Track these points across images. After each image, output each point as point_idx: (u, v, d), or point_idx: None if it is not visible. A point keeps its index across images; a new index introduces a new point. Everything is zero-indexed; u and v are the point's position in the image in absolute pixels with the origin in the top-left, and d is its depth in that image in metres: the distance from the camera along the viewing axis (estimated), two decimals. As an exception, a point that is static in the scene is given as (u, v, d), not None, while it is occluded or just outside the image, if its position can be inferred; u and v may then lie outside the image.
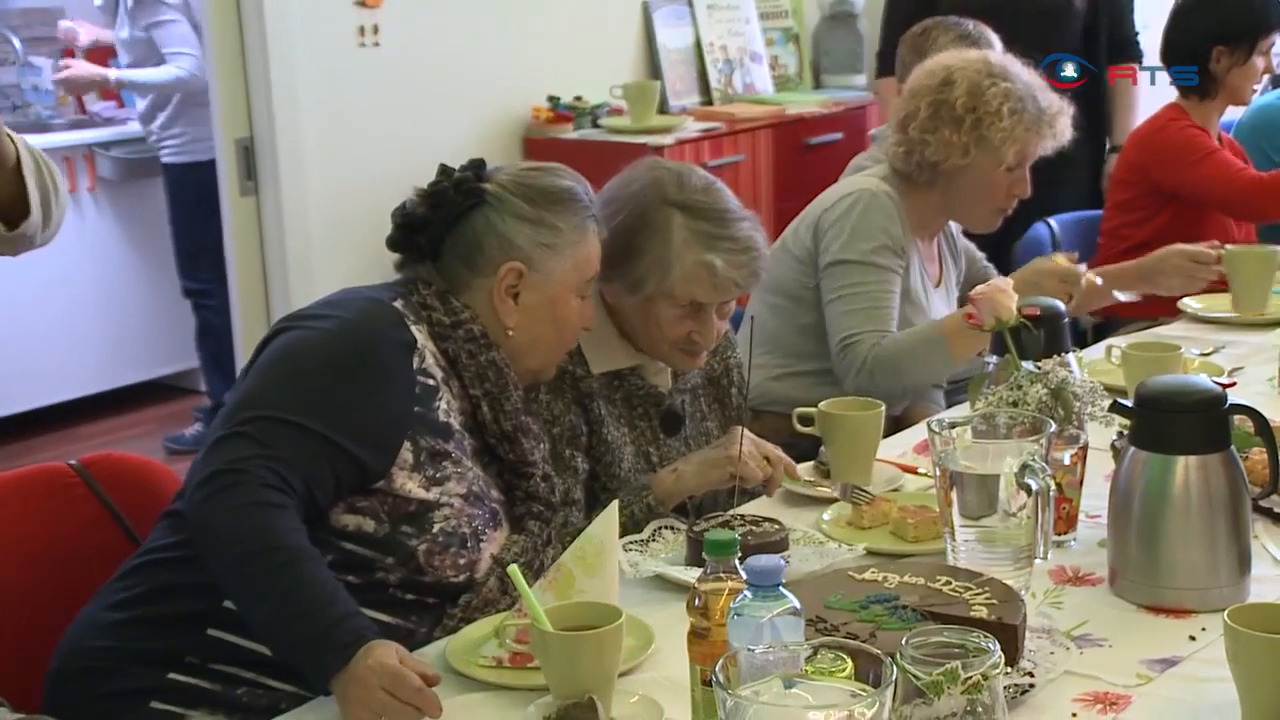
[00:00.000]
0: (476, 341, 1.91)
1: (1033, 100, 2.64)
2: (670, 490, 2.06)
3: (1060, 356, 2.10)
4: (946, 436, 1.84)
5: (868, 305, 2.63)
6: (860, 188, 2.72)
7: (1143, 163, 3.66)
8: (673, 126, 4.58)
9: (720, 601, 1.45)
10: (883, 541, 1.99)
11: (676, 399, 2.23)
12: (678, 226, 2.10)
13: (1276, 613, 1.50)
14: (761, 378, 2.72)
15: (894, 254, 2.66)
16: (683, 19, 4.98)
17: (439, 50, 4.35)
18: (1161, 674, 1.61)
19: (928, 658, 1.33)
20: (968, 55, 2.75)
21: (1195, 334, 2.97)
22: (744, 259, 2.12)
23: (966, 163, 2.64)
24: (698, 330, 2.14)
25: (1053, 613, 1.76)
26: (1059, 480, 1.93)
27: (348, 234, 4.12)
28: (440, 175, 1.99)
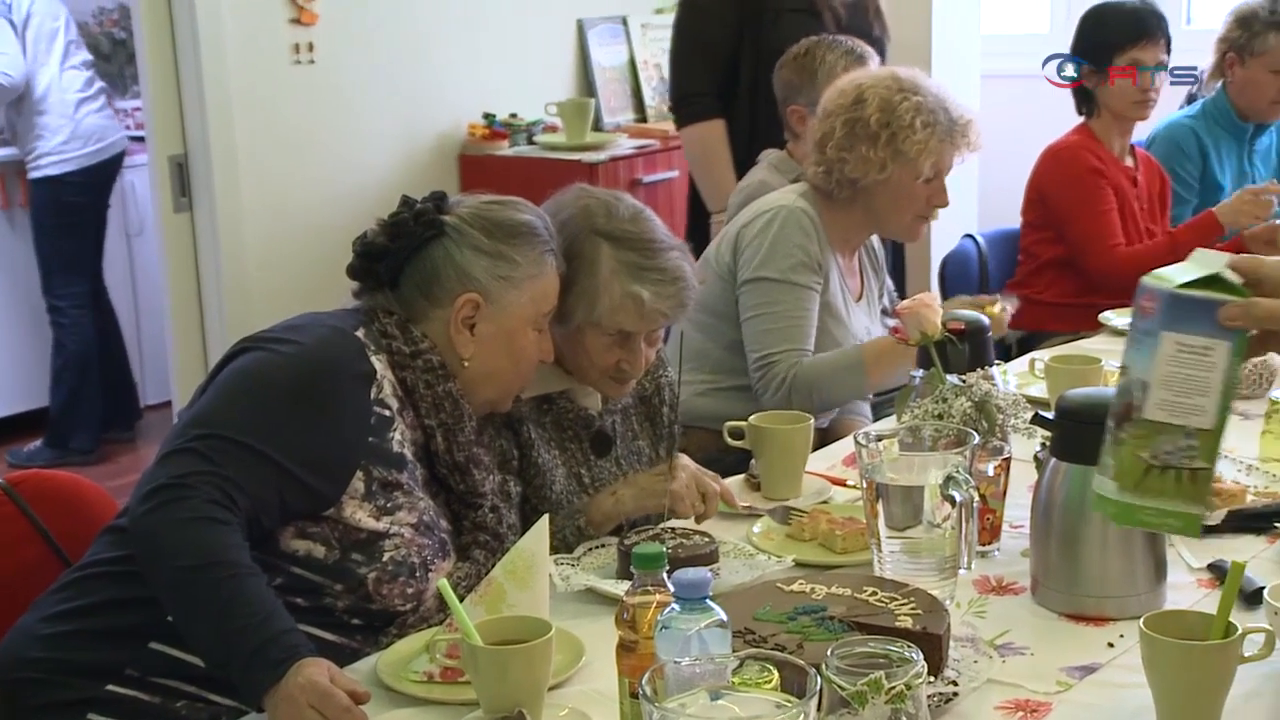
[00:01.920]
0: (435, 372, 1.91)
1: (944, 112, 2.66)
2: (608, 514, 2.05)
3: (984, 370, 2.12)
4: (873, 449, 1.85)
5: (785, 324, 2.65)
6: (778, 205, 2.73)
7: (1043, 188, 3.71)
8: (607, 143, 4.59)
9: (648, 614, 1.45)
10: (812, 553, 2.00)
11: (607, 420, 2.23)
12: (605, 257, 2.09)
13: (1190, 619, 1.51)
14: (689, 394, 2.72)
15: (811, 271, 2.68)
16: (617, 37, 4.99)
17: (374, 67, 4.33)
18: (1081, 681, 1.62)
19: (853, 668, 1.34)
20: (877, 73, 2.78)
21: (1116, 347, 2.97)
22: (671, 290, 2.11)
23: (885, 177, 2.66)
24: (626, 359, 2.13)
25: (976, 622, 1.77)
26: (983, 491, 1.95)
27: (284, 250, 4.09)
28: (402, 206, 1.99)
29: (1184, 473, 1.40)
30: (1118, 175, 3.66)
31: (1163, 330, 1.39)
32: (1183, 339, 1.38)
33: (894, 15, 4.47)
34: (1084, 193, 3.60)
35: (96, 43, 5.79)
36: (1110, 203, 3.60)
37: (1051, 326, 3.60)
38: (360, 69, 4.29)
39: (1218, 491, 2.04)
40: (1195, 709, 1.48)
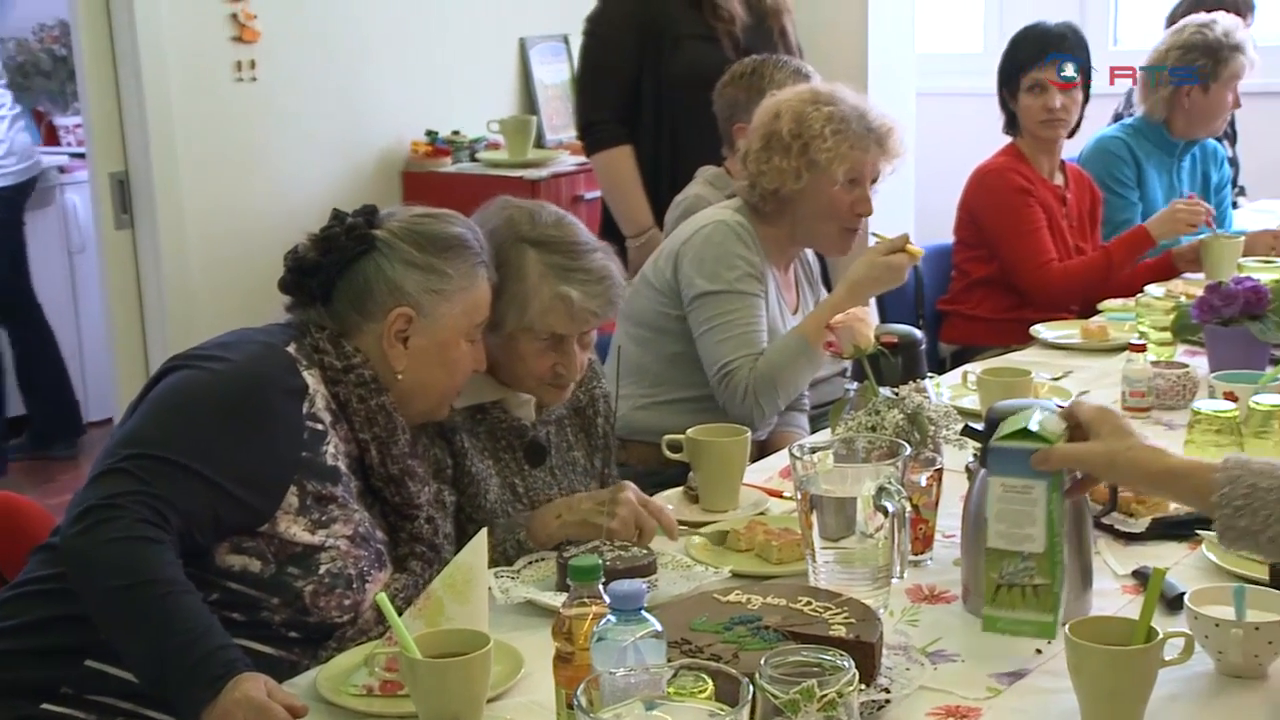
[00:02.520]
0: (367, 386, 1.90)
1: (859, 120, 2.69)
2: (552, 535, 2.04)
3: (917, 382, 2.14)
4: (808, 461, 1.86)
5: (739, 332, 2.66)
6: (714, 219, 2.75)
7: (973, 208, 3.75)
8: (548, 160, 4.60)
9: (584, 626, 1.45)
10: (748, 564, 2.01)
11: (541, 430, 2.23)
12: (532, 262, 2.11)
13: (1114, 625, 1.54)
14: (628, 408, 2.74)
15: (755, 279, 2.70)
16: (559, 55, 5.01)
17: (317, 84, 4.32)
18: (1010, 686, 1.64)
19: (786, 677, 1.35)
20: (798, 88, 2.81)
21: (1046, 359, 3.04)
22: (599, 289, 2.13)
23: (801, 186, 2.69)
24: (562, 362, 2.14)
25: (909, 630, 1.79)
26: (916, 502, 1.97)
27: (227, 267, 4.06)
28: (333, 220, 1.99)
29: (1028, 589, 1.65)
30: (1045, 194, 3.71)
31: (990, 476, 1.66)
32: (1006, 481, 1.64)
33: (831, 35, 4.54)
34: (1012, 212, 3.64)
35: (37, 59, 5.73)
36: (1039, 221, 3.64)
37: (984, 341, 3.64)
38: (303, 86, 4.28)
39: (1142, 500, 2.08)
40: (1119, 712, 1.50)
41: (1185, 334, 2.90)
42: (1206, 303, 2.73)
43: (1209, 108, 3.96)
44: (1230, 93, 3.93)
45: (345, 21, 4.37)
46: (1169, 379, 2.63)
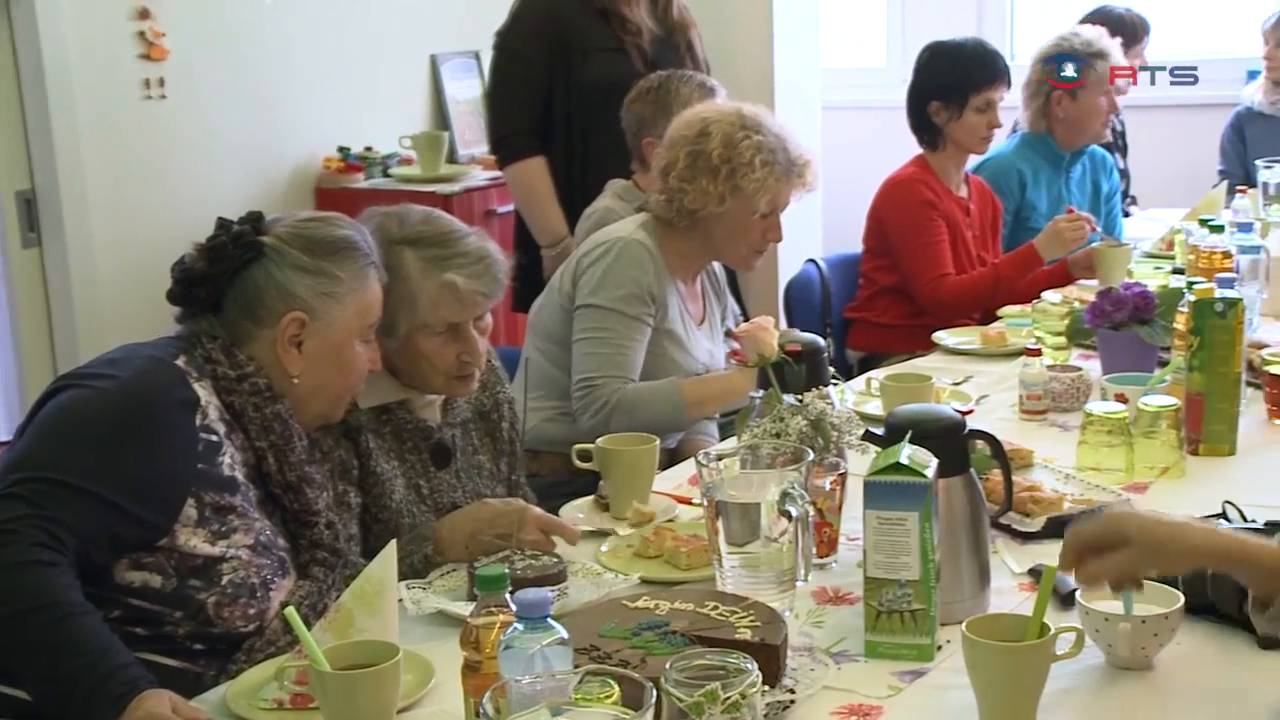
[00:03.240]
0: (262, 394, 1.89)
1: (783, 152, 2.72)
2: (460, 557, 2.02)
3: (820, 389, 2.16)
4: (714, 468, 1.88)
5: (611, 350, 2.68)
6: (617, 236, 2.77)
7: (881, 218, 3.81)
8: (461, 175, 4.59)
9: (492, 635, 1.45)
10: (657, 570, 2.02)
11: (447, 433, 2.24)
12: (410, 260, 2.12)
13: (1009, 622, 1.57)
14: (538, 420, 2.74)
15: (643, 303, 2.71)
16: (470, 72, 5.00)
17: (227, 102, 4.27)
18: (910, 684, 1.66)
19: (691, 680, 1.36)
20: (723, 107, 2.82)
21: (947, 365, 3.09)
22: (480, 268, 2.15)
23: (723, 210, 2.71)
24: (465, 350, 2.15)
25: (814, 632, 1.80)
26: (820, 506, 1.99)
27: (137, 286, 4.00)
28: (219, 229, 1.97)
29: (906, 614, 1.70)
30: (951, 206, 3.77)
31: (866, 509, 1.70)
32: (881, 514, 1.69)
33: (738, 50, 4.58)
34: (916, 224, 3.70)
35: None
36: (941, 234, 3.70)
37: (889, 347, 3.69)
38: (213, 104, 4.23)
39: (1037, 499, 2.11)
40: (1015, 705, 1.53)
41: (1079, 338, 2.96)
42: (1098, 308, 2.79)
43: (1081, 114, 4.06)
44: (1101, 98, 4.01)
45: (256, 39, 4.33)
46: (1064, 382, 2.68)
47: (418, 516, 2.16)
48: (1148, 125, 4.95)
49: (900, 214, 3.73)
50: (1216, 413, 2.39)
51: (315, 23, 4.50)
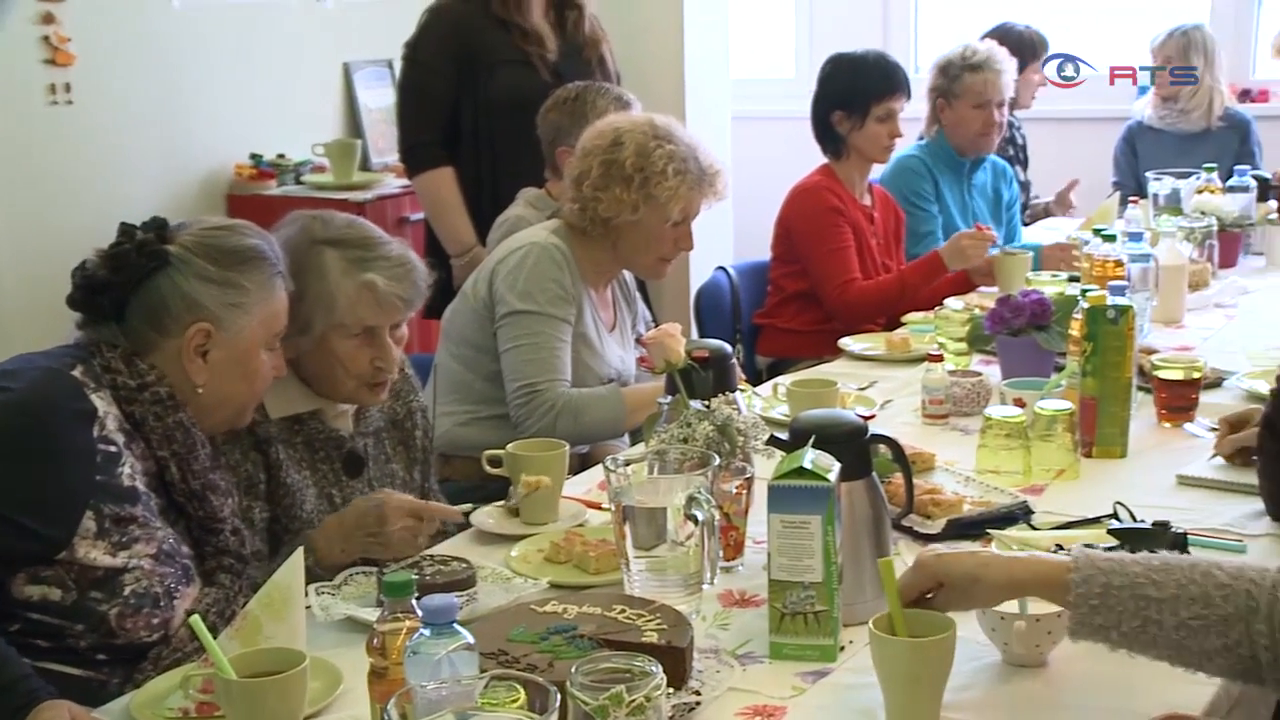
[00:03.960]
0: (163, 404, 1.86)
1: (695, 161, 2.73)
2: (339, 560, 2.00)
3: (727, 395, 2.17)
4: (621, 474, 1.88)
5: (545, 354, 2.67)
6: (531, 241, 2.76)
7: (789, 225, 3.84)
8: (374, 183, 4.55)
9: (398, 641, 1.44)
10: (566, 575, 2.01)
11: (359, 442, 2.21)
12: (331, 260, 2.11)
13: (913, 619, 1.58)
14: (450, 424, 2.73)
15: (566, 303, 2.71)
16: (383, 80, 4.96)
17: (136, 108, 4.20)
18: (814, 684, 1.67)
19: (596, 684, 1.36)
20: (635, 118, 2.83)
21: (853, 370, 3.11)
22: (401, 272, 2.14)
23: (636, 219, 2.71)
24: (379, 356, 2.13)
25: (720, 634, 1.81)
26: (727, 510, 2.00)
27: (42, 295, 3.87)
28: (122, 236, 1.93)
29: (809, 615, 1.71)
30: (856, 214, 3.81)
31: (770, 513, 1.70)
32: (784, 518, 1.69)
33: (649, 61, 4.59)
34: (823, 231, 3.73)
35: None
36: (847, 240, 3.73)
37: (798, 353, 3.72)
38: (122, 110, 4.15)
39: (938, 502, 2.14)
40: (920, 698, 1.54)
41: (979, 344, 3.00)
42: (997, 315, 2.83)
43: (955, 124, 4.15)
44: (974, 109, 4.08)
45: (166, 45, 4.26)
46: (964, 387, 2.72)
47: None
48: (1046, 138, 5.04)
49: (807, 221, 3.77)
50: (1109, 416, 2.43)
51: (226, 29, 4.44)
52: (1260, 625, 1.44)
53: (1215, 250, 3.81)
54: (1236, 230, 3.96)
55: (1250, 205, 4.02)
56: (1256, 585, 1.47)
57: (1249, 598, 1.46)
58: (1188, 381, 2.61)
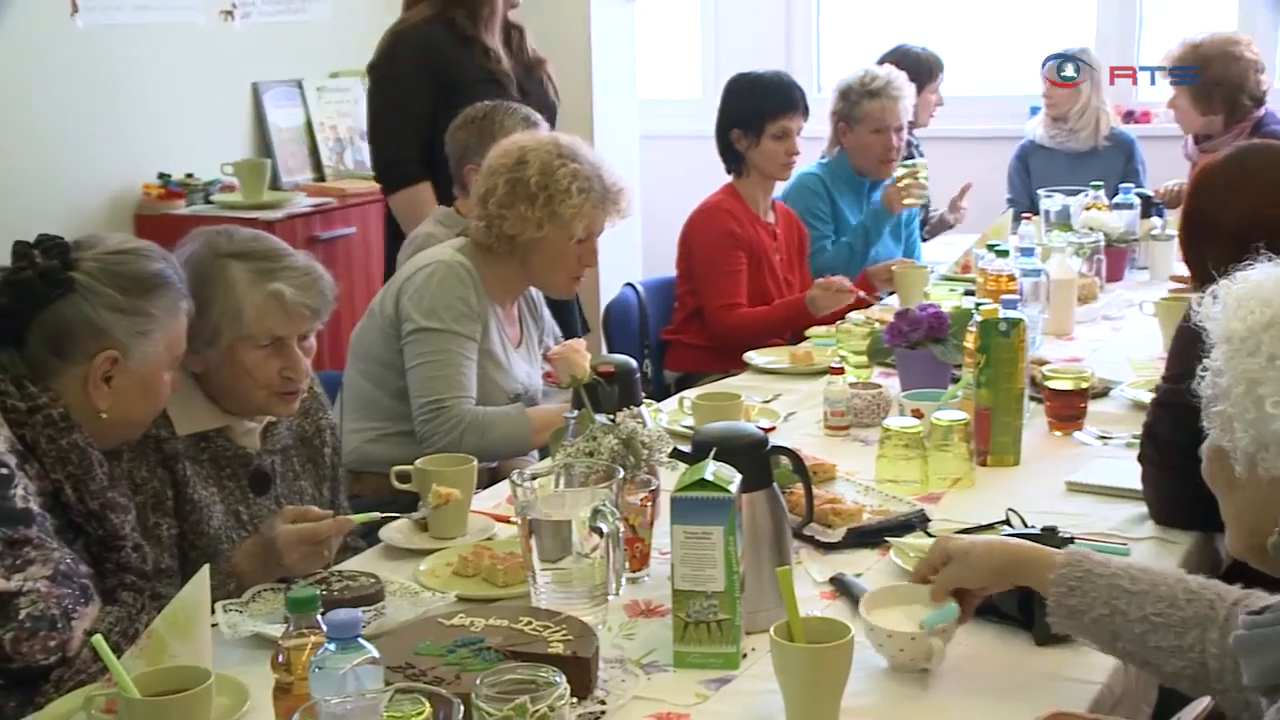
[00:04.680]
0: (56, 426, 1.82)
1: (599, 180, 2.74)
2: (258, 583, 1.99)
3: (632, 409, 2.18)
4: (528, 488, 1.88)
5: (451, 371, 2.67)
6: (437, 259, 2.75)
7: (688, 244, 3.86)
8: (284, 202, 4.49)
9: (303, 656, 1.43)
10: (475, 588, 2.00)
11: (266, 459, 2.19)
12: (237, 272, 2.10)
13: (814, 625, 1.61)
14: (359, 441, 2.71)
15: (471, 320, 2.71)
16: (293, 100, 4.91)
17: (41, 128, 4.11)
18: (716, 691, 1.68)
19: (501, 695, 1.36)
20: (539, 136, 2.84)
21: (757, 383, 3.13)
22: (308, 281, 2.13)
23: (541, 236, 2.71)
24: (287, 366, 2.12)
25: (625, 644, 1.81)
26: (632, 521, 2.01)
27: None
28: (20, 259, 1.87)
29: (712, 624, 1.72)
30: (757, 233, 3.83)
31: (673, 524, 1.71)
32: (687, 529, 1.70)
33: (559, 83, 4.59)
34: (715, 253, 3.75)
35: None
36: (737, 265, 3.74)
37: (704, 368, 3.73)
38: (27, 130, 4.07)
39: (838, 511, 2.16)
40: (819, 702, 1.56)
41: (879, 357, 3.03)
42: (896, 328, 2.86)
43: (855, 147, 4.21)
44: (874, 134, 4.15)
45: (71, 65, 4.18)
46: (865, 399, 2.75)
47: (237, 543, 2.11)
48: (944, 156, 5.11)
49: (700, 242, 3.79)
50: (1002, 426, 2.47)
51: (133, 49, 4.37)
52: (1214, 634, 1.49)
53: (1103, 265, 3.90)
54: (1123, 246, 4.05)
55: (1135, 221, 4.11)
56: (1220, 598, 1.53)
57: (1210, 606, 1.52)
58: (1077, 391, 2.66)
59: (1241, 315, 1.29)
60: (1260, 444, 1.26)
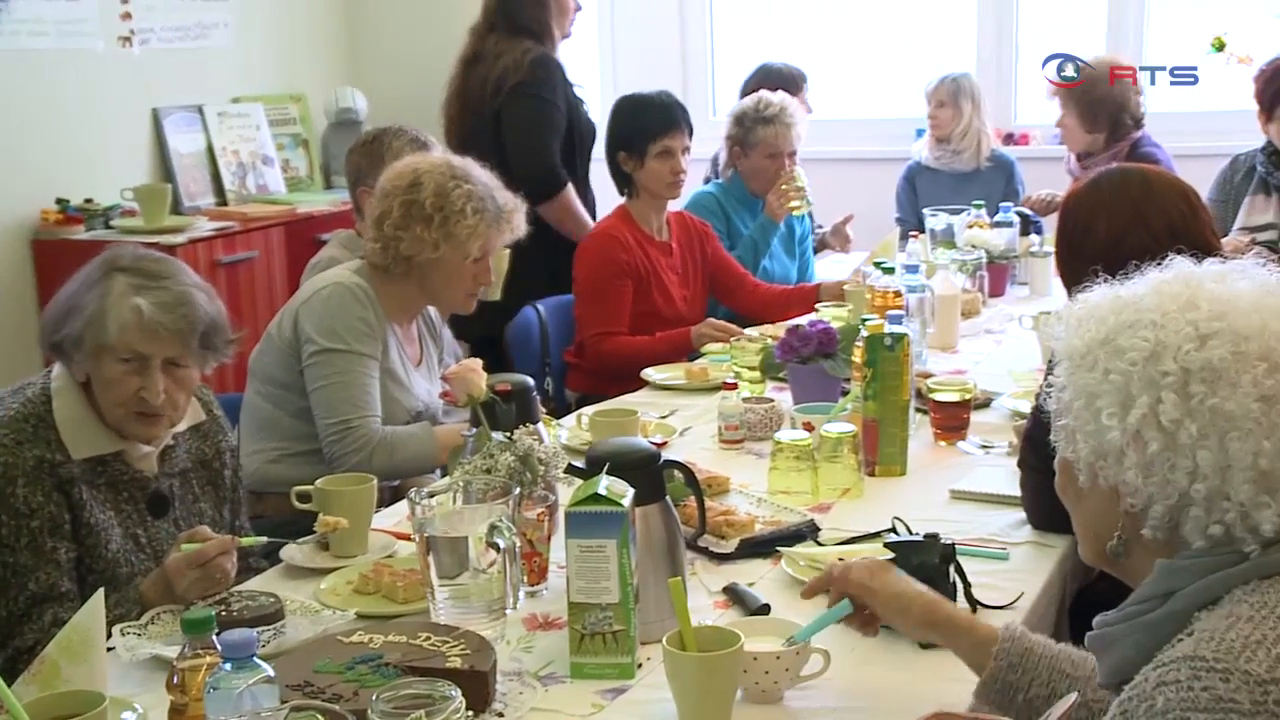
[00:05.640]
0: None
1: (492, 200, 2.74)
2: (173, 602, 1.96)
3: (529, 426, 2.18)
4: (425, 505, 1.87)
5: (356, 391, 2.65)
6: (335, 281, 2.74)
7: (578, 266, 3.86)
8: (186, 226, 4.43)
9: (198, 677, 1.41)
10: (375, 605, 1.99)
11: (164, 482, 2.16)
12: (118, 283, 2.08)
13: (706, 634, 1.62)
14: (260, 462, 2.68)
15: (371, 340, 2.69)
16: (194, 125, 4.85)
17: (-63, 153, 4.02)
18: (612, 701, 1.69)
19: (397, 710, 1.35)
20: (432, 159, 2.83)
21: (655, 399, 3.15)
22: (172, 303, 2.08)
23: (437, 256, 2.71)
24: (144, 386, 2.07)
25: (523, 656, 1.81)
26: (530, 536, 2.01)
27: None
28: None
29: (608, 635, 1.72)
30: (649, 253, 3.82)
31: (568, 538, 1.72)
32: (581, 542, 1.71)
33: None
34: (597, 281, 3.73)
35: None
36: (618, 294, 3.72)
37: (602, 390, 3.72)
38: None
39: (731, 523, 2.18)
40: (710, 712, 1.57)
41: (772, 372, 3.06)
42: (787, 344, 2.90)
43: (750, 171, 4.26)
44: (767, 158, 4.19)
45: (-32, 90, 4.09)
46: (758, 413, 2.77)
47: (136, 565, 2.09)
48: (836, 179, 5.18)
49: (586, 268, 3.78)
50: (889, 437, 2.51)
51: (31, 74, 4.28)
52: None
53: (985, 281, 3.97)
54: (1004, 262, 4.13)
55: (1015, 239, 4.20)
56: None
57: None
58: (961, 403, 2.71)
59: (1081, 333, 1.33)
60: (1099, 454, 1.30)
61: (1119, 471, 1.29)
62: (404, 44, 5.37)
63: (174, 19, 4.78)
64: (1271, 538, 1.22)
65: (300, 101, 5.30)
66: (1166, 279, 1.32)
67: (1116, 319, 1.30)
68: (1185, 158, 4.51)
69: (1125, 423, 1.27)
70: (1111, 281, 1.39)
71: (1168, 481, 1.25)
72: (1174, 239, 1.85)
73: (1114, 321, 1.30)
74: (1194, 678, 1.12)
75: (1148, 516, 1.28)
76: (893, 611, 1.68)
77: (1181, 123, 5.14)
